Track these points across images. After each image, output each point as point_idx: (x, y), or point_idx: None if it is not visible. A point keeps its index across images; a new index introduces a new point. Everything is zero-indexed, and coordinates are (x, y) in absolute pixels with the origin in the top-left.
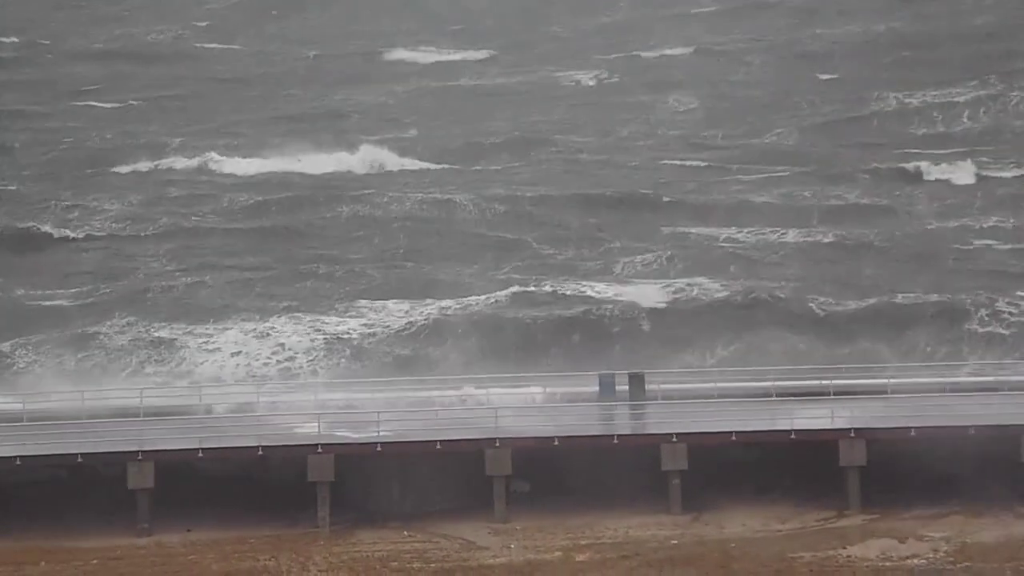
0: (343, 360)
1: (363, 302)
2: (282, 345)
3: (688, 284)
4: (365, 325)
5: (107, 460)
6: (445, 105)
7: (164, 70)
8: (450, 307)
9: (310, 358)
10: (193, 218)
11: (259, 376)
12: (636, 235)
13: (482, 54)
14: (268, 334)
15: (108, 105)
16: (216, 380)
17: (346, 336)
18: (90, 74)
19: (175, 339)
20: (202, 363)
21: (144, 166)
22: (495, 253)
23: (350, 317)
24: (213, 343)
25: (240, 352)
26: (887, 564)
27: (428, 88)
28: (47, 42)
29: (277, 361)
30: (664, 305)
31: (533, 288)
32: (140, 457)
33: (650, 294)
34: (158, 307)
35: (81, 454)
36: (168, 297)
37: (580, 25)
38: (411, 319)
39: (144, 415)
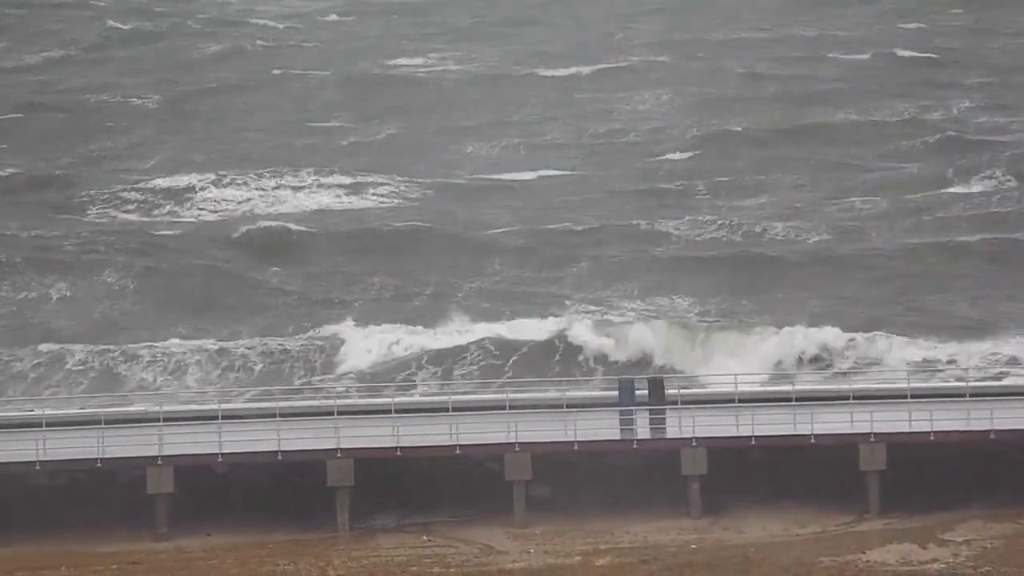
0: None
1: None
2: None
3: None
4: None
5: (126, 465)
6: None
7: None
8: None
9: None
10: None
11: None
12: None
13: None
14: None
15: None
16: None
17: None
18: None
19: None
20: None
21: None
22: None
23: None
24: None
25: None
26: (907, 569)
27: None
28: None
29: None
30: None
31: None
32: (159, 462)
33: None
34: None
35: (100, 459)
36: None
37: None
38: None
39: (164, 420)
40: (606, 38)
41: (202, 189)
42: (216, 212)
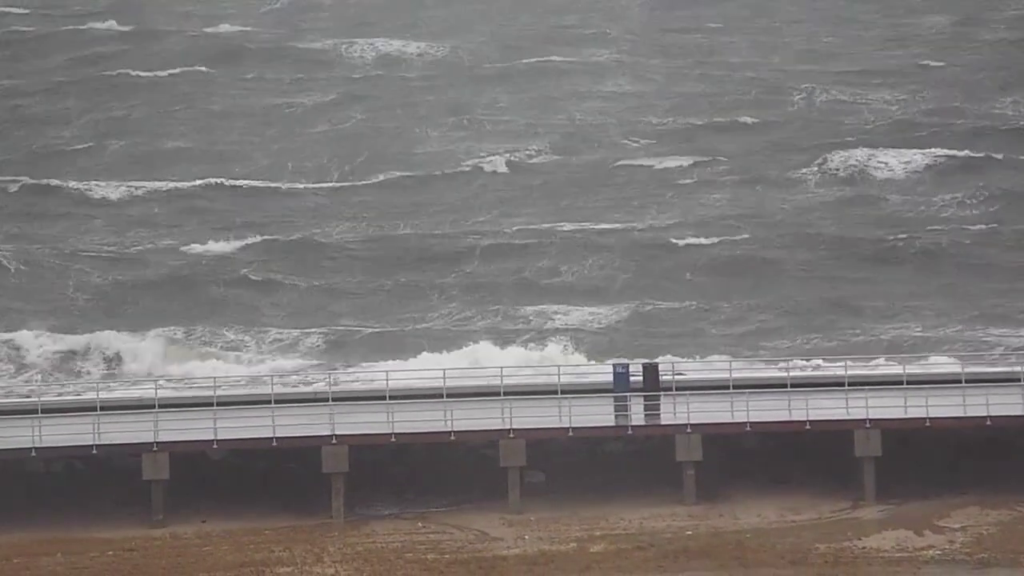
0: None
1: None
2: None
3: None
4: None
5: (122, 451)
6: None
7: None
8: None
9: None
10: None
11: None
12: None
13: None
14: None
15: None
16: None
17: None
18: None
19: None
20: None
21: None
22: None
23: None
24: None
25: None
26: (903, 555)
27: None
28: None
29: None
30: None
31: None
32: (155, 448)
33: None
34: None
35: (96, 445)
36: None
37: None
38: None
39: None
40: (581, 27)
41: (146, 179)
42: (164, 200)
